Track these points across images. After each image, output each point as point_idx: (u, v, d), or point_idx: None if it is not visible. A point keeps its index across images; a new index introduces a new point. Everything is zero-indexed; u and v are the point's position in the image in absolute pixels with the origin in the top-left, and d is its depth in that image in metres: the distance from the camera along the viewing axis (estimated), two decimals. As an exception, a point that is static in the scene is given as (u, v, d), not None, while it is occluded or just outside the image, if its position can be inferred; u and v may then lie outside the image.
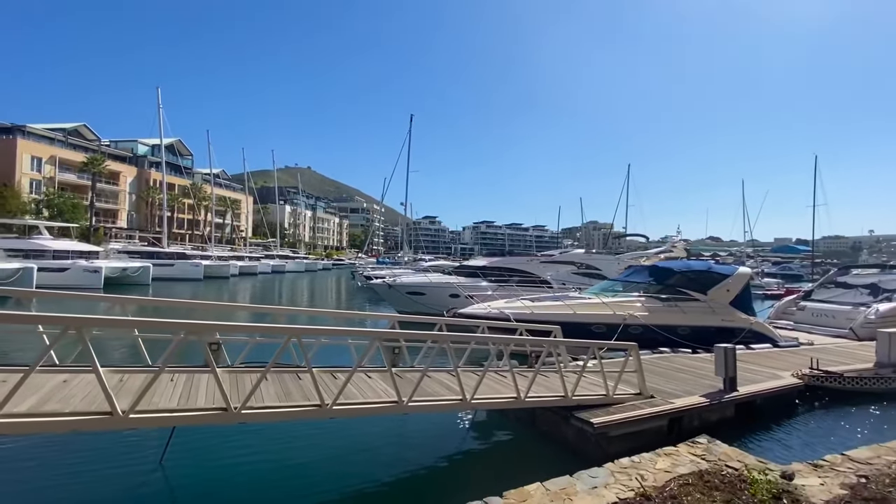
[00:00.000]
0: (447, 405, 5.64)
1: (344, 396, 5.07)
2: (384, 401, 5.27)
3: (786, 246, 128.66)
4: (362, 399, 5.40)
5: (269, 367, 4.74)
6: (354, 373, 5.26)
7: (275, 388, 5.41)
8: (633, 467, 3.90)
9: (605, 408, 6.71)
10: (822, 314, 16.84)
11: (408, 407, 5.24)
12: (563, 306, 11.98)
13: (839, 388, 9.62)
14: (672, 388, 8.15)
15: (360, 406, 5.14)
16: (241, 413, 4.39)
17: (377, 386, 6.02)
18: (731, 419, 7.92)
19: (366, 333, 8.65)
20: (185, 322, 4.48)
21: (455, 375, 5.72)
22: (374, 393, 5.65)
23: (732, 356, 8.03)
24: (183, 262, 43.24)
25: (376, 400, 5.33)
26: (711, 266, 14.17)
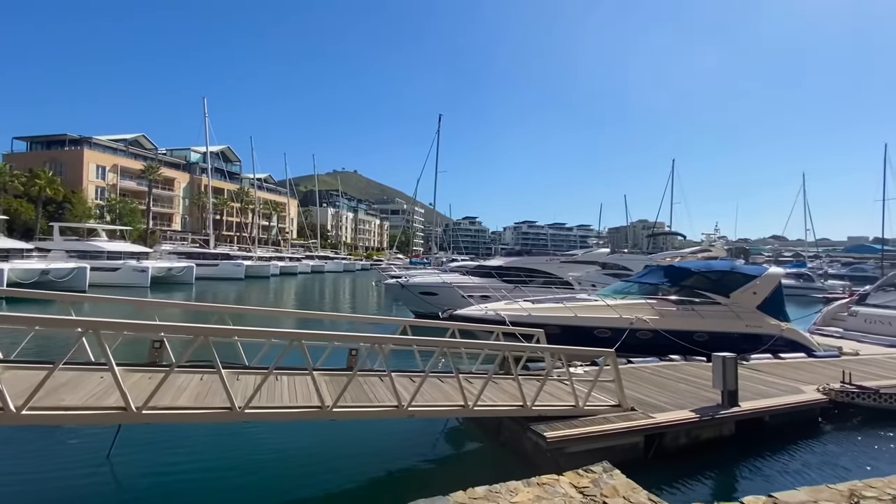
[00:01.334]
0: (379, 412, 5.29)
1: (266, 399, 4.87)
2: (306, 406, 5.01)
3: (860, 245, 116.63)
4: (290, 403, 5.18)
5: (173, 368, 4.62)
6: (269, 375, 5.09)
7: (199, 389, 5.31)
8: (485, 498, 3.30)
9: (569, 420, 6.11)
10: (877, 320, 14.93)
11: (332, 413, 4.96)
12: (563, 309, 11.27)
13: (874, 405, 8.34)
14: (666, 401, 7.36)
15: (278, 411, 4.91)
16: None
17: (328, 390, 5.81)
18: (729, 438, 7.02)
19: (283, 335, 8.44)
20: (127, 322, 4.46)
21: (416, 381, 5.44)
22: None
23: (733, 366, 7.13)
24: (226, 263, 45.47)
25: (300, 405, 5.08)
26: (736, 266, 12.87)
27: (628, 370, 9.46)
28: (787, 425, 7.63)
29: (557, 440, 5.51)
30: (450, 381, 6.74)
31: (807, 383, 8.91)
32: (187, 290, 35.92)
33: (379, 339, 5.76)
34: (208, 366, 6.20)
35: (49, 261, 30.22)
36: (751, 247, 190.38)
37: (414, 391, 5.37)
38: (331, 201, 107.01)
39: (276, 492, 5.43)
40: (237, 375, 5.94)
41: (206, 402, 4.87)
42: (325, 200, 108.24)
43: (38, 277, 27.12)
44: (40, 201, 45.95)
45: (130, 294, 31.04)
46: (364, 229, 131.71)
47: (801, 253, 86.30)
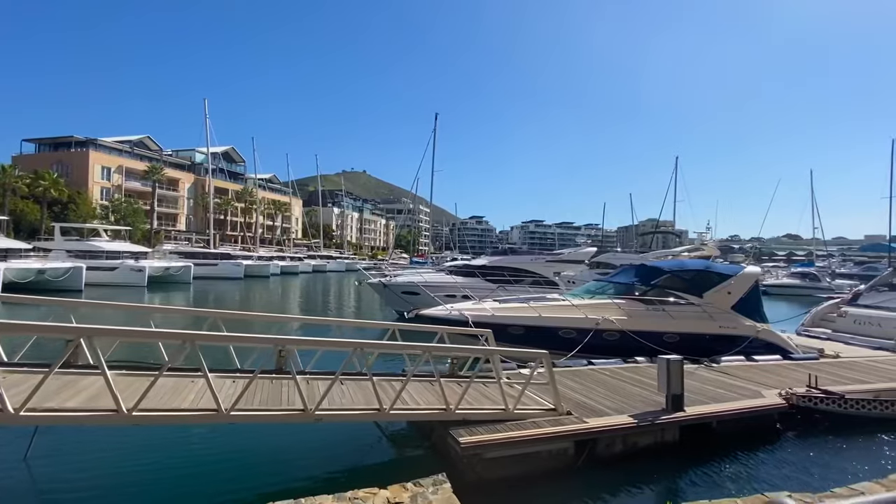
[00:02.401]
0: (281, 416, 5.11)
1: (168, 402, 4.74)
2: (201, 409, 4.86)
3: (877, 244, 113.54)
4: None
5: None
6: (159, 377, 4.94)
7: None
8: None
9: (496, 424, 5.87)
10: (866, 322, 14.40)
11: (230, 416, 4.80)
12: (528, 309, 11.00)
13: (839, 412, 7.96)
14: (611, 405, 7.07)
15: (169, 413, 4.77)
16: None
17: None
18: (673, 444, 6.73)
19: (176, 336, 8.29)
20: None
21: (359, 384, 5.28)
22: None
23: (678, 369, 6.82)
24: (225, 262, 45.82)
25: (198, 408, 4.93)
26: (710, 265, 12.46)
27: (585, 372, 9.20)
28: (741, 431, 7.29)
29: (471, 446, 5.29)
30: (394, 384, 6.57)
31: (773, 387, 8.56)
32: (185, 289, 36.22)
33: (286, 340, 5.59)
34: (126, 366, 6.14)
35: (45, 260, 30.67)
36: (763, 246, 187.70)
37: (322, 395, 5.19)
38: (336, 201, 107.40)
39: (183, 495, 5.30)
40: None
41: (100, 403, 4.75)
42: (330, 200, 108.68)
43: (35, 277, 27.52)
44: (45, 202, 46.74)
45: (127, 293, 31.40)
46: (370, 229, 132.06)
47: (814, 252, 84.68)
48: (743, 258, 53.83)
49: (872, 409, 8.00)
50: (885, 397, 8.57)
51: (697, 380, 8.95)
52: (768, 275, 51.33)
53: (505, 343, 10.93)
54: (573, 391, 7.74)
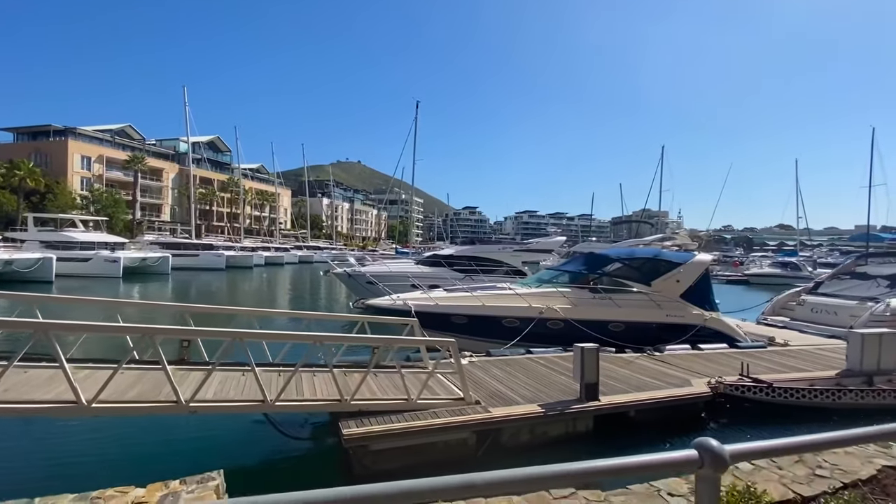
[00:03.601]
0: (148, 408, 4.91)
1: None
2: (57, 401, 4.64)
3: (868, 234, 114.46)
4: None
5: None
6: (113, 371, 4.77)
7: None
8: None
9: (393, 415, 5.70)
10: (823, 310, 14.35)
11: (91, 409, 4.59)
12: (472, 298, 10.83)
13: (766, 400, 7.87)
14: (528, 394, 6.92)
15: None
16: None
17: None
18: (586, 434, 6.61)
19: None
20: None
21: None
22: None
23: (593, 358, 6.66)
24: (206, 253, 45.32)
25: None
26: (660, 253, 12.30)
27: (518, 361, 9.05)
28: (662, 420, 7.19)
29: (355, 437, 5.12)
30: (321, 375, 6.39)
31: (709, 375, 8.45)
32: (162, 280, 35.84)
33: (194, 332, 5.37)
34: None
35: (13, 251, 30.14)
36: (755, 236, 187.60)
37: (197, 386, 4.99)
38: (325, 192, 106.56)
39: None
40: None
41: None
42: (320, 191, 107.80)
43: (2, 268, 27.06)
44: (21, 192, 45.95)
45: (102, 284, 31.00)
46: (361, 219, 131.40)
47: (803, 242, 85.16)
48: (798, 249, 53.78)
49: (801, 397, 7.92)
50: (821, 386, 8.51)
51: (634, 368, 8.85)
52: (753, 265, 51.58)
53: (449, 333, 10.82)
54: (496, 380, 7.60)
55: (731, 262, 55.54)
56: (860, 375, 9.01)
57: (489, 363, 8.71)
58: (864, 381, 8.95)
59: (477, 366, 8.50)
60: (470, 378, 7.58)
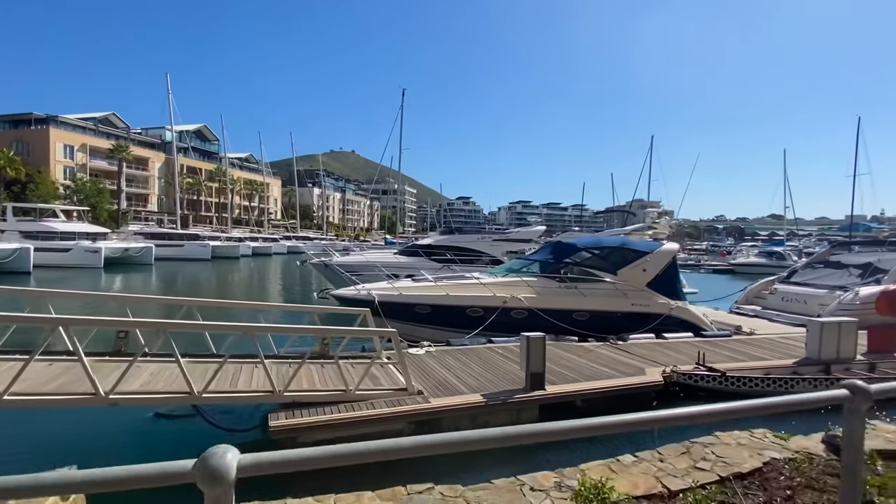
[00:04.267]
0: (68, 400, 4.79)
1: None
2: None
3: (857, 223, 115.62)
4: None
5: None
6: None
7: None
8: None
9: (328, 406, 5.62)
10: (793, 298, 14.41)
11: (4, 401, 4.46)
12: (436, 288, 10.73)
13: (719, 389, 7.87)
14: (476, 383, 6.85)
15: None
16: None
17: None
18: (531, 423, 6.54)
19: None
20: None
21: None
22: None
23: (539, 347, 6.60)
24: (192, 243, 44.89)
25: None
26: (627, 242, 12.25)
27: (476, 350, 8.98)
28: (611, 410, 7.15)
29: (282, 429, 5.03)
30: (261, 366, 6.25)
31: (667, 364, 8.43)
32: (145, 270, 35.46)
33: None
34: None
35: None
36: (747, 226, 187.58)
37: (118, 378, 4.86)
38: (316, 181, 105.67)
39: None
40: None
41: None
42: (311, 180, 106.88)
43: (-23, 258, 26.65)
44: (1, 181, 45.14)
45: (82, 275, 30.64)
46: (353, 210, 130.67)
47: (792, 231, 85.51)
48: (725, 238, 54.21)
49: (754, 386, 7.92)
50: (777, 374, 8.53)
51: (592, 357, 8.81)
52: (739, 254, 51.89)
53: (413, 323, 10.75)
54: (448, 370, 7.53)
55: (718, 252, 55.89)
56: (818, 364, 9.05)
57: (446, 353, 8.64)
58: (822, 369, 8.99)
59: (433, 356, 8.43)
60: (422, 368, 7.54)
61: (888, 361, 9.33)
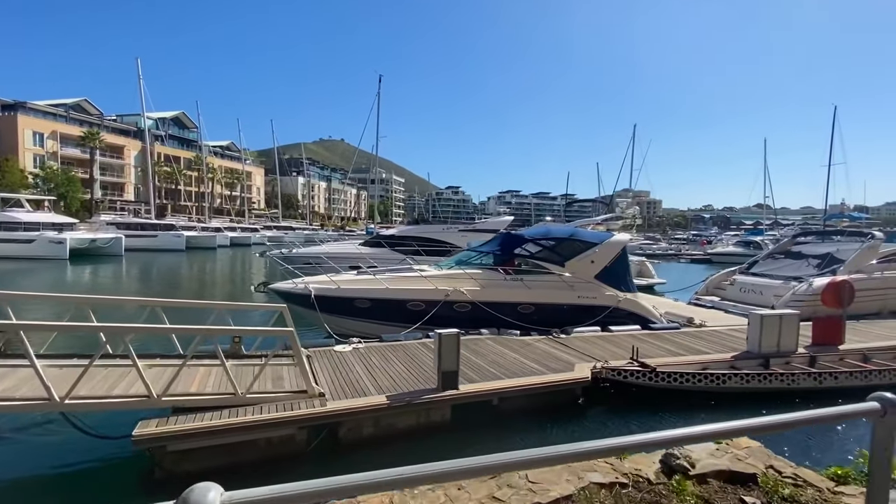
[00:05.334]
0: None
1: None
2: None
3: (841, 213, 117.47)
4: None
5: None
6: None
7: None
8: None
9: (216, 411, 5.26)
10: (750, 289, 14.30)
11: None
12: (375, 281, 10.36)
13: (650, 385, 7.64)
14: (387, 384, 6.50)
15: None
16: None
17: None
18: (442, 424, 6.27)
19: None
20: None
21: None
22: None
23: (452, 344, 6.28)
24: (165, 233, 43.91)
25: None
26: (576, 233, 11.96)
27: (405, 346, 8.66)
28: (532, 408, 6.90)
29: (146, 438, 4.65)
30: (158, 369, 5.88)
31: (605, 359, 8.19)
32: (115, 262, 34.58)
33: None
34: None
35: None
36: (733, 215, 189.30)
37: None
38: (300, 170, 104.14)
39: None
40: None
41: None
42: (295, 169, 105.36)
43: (-69, 250, 25.67)
44: (-36, 170, 43.61)
45: (46, 266, 29.76)
46: (339, 199, 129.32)
47: (779, 221, 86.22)
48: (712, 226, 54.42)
49: (685, 381, 7.70)
50: (713, 369, 8.33)
51: (527, 352, 8.53)
52: (720, 244, 52.18)
53: (352, 317, 10.40)
54: (368, 368, 7.19)
55: (699, 242, 56.17)
56: (758, 358, 8.88)
57: (373, 350, 8.30)
58: (761, 363, 8.83)
59: (360, 353, 8.09)
60: (340, 367, 7.20)
61: (829, 354, 9.22)
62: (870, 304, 13.18)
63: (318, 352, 7.97)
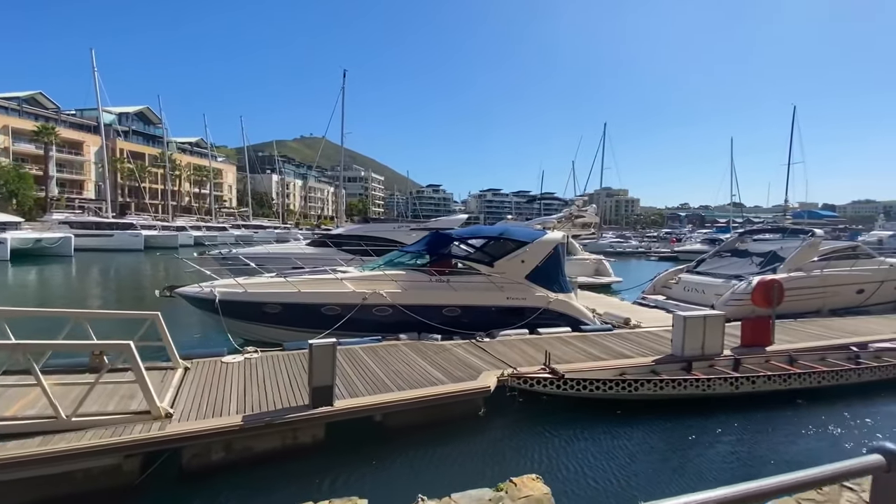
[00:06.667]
0: None
1: None
2: None
3: (809, 212, 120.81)
4: None
5: None
6: None
7: None
8: None
9: (35, 437, 4.55)
10: (694, 288, 14.10)
11: None
12: (286, 284, 9.69)
13: (558, 393, 7.18)
14: (257, 402, 5.86)
15: None
16: None
17: None
18: (314, 445, 5.65)
19: None
20: None
21: None
22: None
23: (326, 356, 5.66)
24: (121, 233, 42.17)
25: None
26: (507, 231, 11.50)
27: (301, 357, 8.02)
28: (424, 423, 6.35)
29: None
30: None
31: (523, 364, 7.72)
32: (64, 263, 32.88)
33: None
34: None
35: None
36: (707, 214, 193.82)
37: None
38: (274, 167, 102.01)
39: None
40: None
41: None
42: (269, 167, 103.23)
43: None
44: None
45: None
46: (315, 197, 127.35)
47: (751, 219, 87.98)
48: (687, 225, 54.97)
49: (595, 388, 7.26)
50: (632, 375, 7.94)
51: (442, 359, 7.96)
52: (689, 241, 52.78)
53: (263, 324, 9.71)
54: (249, 382, 6.52)
55: (669, 240, 56.79)
56: (681, 361, 8.53)
57: (267, 360, 7.64)
58: (683, 367, 8.49)
59: (250, 364, 7.42)
60: (215, 381, 6.54)
61: (755, 356, 8.94)
62: (809, 302, 13.10)
63: (203, 363, 7.28)
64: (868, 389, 8.39)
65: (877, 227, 78.81)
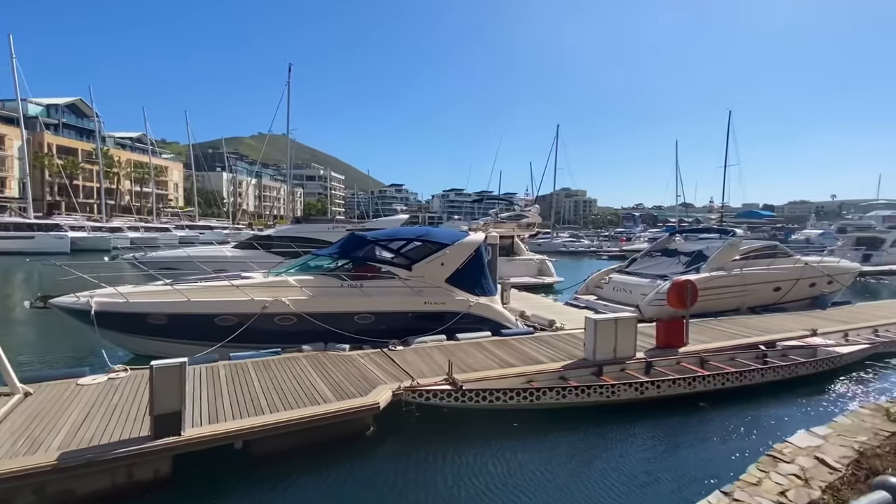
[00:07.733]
0: None
1: None
2: None
3: (750, 211, 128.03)
4: None
5: None
6: None
7: None
8: None
9: None
10: (622, 288, 14.14)
11: None
12: (173, 293, 8.77)
13: (457, 406, 6.74)
14: (94, 433, 5.06)
15: None
16: None
17: None
18: (156, 483, 4.91)
19: None
20: None
21: None
22: None
23: (172, 379, 4.92)
24: (45, 235, 38.82)
25: None
26: (427, 233, 11.03)
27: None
28: (303, 447, 5.73)
29: None
30: None
31: (424, 376, 7.21)
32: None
33: None
34: None
35: None
36: (660, 213, 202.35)
37: None
38: (223, 165, 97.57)
39: None
40: None
41: None
42: (220, 164, 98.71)
43: None
44: None
45: None
46: (271, 196, 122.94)
47: (699, 219, 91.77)
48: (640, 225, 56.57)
49: (495, 399, 6.87)
50: (540, 382, 7.59)
51: (340, 372, 7.34)
52: (638, 240, 54.46)
53: (147, 337, 8.76)
54: (90, 409, 5.68)
55: (619, 239, 58.46)
56: (593, 366, 8.31)
57: (131, 380, 6.77)
58: (594, 372, 8.27)
59: (112, 385, 6.54)
60: (54, 410, 5.65)
61: (667, 358, 8.86)
62: (729, 300, 13.39)
63: (51, 387, 6.34)
64: (774, 389, 8.47)
65: (808, 226, 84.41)
